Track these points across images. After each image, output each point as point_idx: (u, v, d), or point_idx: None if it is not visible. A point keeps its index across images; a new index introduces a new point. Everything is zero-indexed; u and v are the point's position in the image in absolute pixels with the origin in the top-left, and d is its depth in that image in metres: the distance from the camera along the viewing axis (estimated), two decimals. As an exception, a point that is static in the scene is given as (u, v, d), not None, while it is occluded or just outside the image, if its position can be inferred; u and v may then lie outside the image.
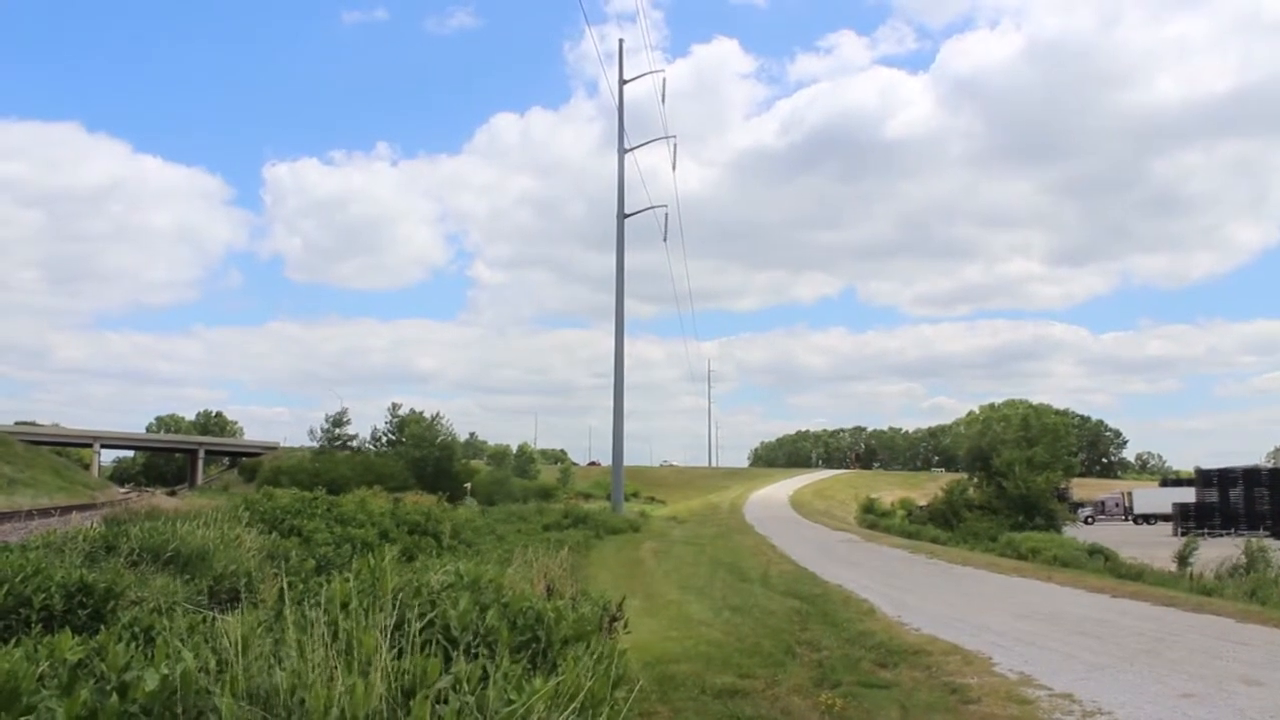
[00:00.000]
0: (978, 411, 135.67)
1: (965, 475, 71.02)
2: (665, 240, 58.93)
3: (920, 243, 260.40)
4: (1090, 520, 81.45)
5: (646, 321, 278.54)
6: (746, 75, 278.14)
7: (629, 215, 54.53)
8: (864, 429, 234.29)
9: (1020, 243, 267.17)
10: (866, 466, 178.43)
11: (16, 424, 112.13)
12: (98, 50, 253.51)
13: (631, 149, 55.64)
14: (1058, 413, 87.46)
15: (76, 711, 3.26)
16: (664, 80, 59.00)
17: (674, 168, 62.14)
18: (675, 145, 59.39)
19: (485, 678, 4.40)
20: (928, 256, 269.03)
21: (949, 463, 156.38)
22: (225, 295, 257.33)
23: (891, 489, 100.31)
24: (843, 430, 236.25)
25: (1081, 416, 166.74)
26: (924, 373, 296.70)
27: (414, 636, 4.42)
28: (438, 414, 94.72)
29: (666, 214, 57.99)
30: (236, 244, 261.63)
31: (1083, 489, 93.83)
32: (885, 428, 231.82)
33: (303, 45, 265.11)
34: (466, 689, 4.12)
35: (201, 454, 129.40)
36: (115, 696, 3.53)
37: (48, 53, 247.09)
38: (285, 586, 5.46)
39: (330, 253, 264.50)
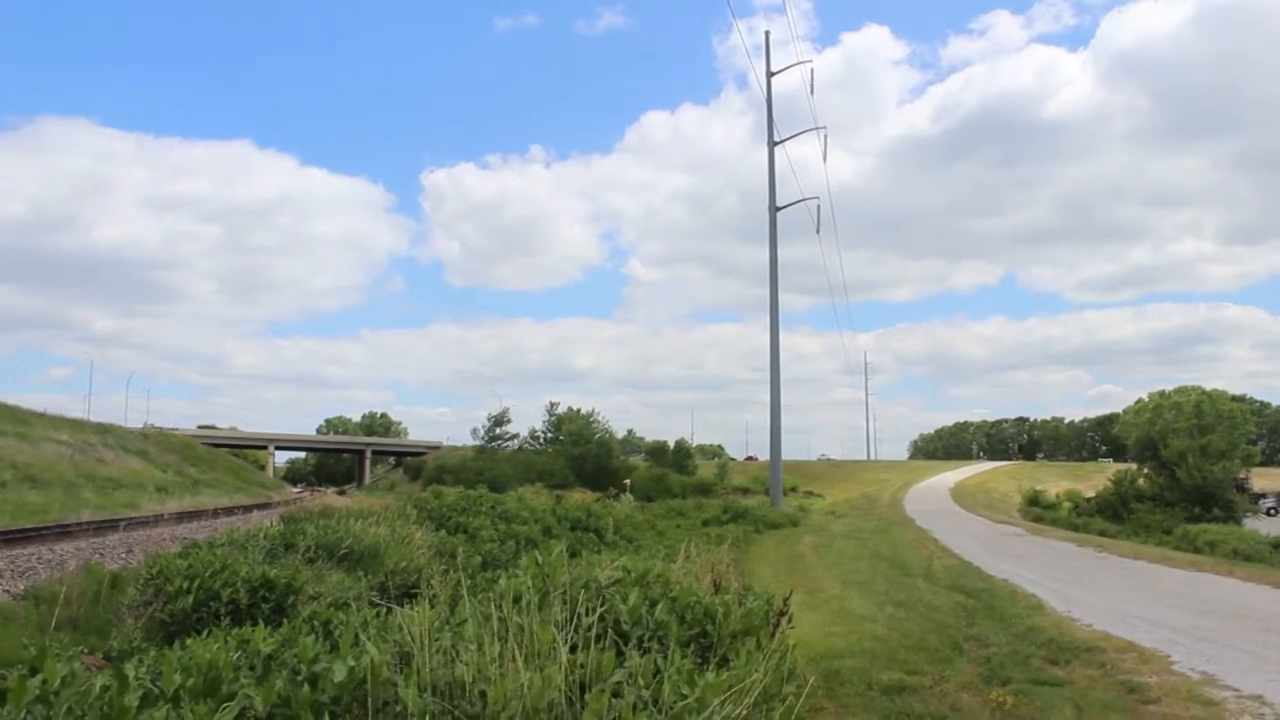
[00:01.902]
0: (1147, 399, 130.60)
1: (1134, 465, 68.28)
2: (818, 232, 58.34)
3: (1083, 226, 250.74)
4: (1273, 512, 77.38)
5: (801, 314, 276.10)
6: (898, 61, 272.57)
7: (781, 208, 54.12)
8: (1027, 419, 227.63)
9: (1191, 222, 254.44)
10: (1030, 458, 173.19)
11: (198, 428, 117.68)
12: (265, 71, 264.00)
13: (781, 141, 55.21)
14: (1234, 399, 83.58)
15: (272, 699, 3.39)
16: (812, 71, 58.25)
17: (825, 158, 61.64)
18: (825, 136, 58.58)
19: (657, 672, 4.42)
20: (1091, 240, 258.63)
21: (1117, 453, 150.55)
22: (389, 299, 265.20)
23: (1056, 481, 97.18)
24: (1004, 421, 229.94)
25: (1260, 402, 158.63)
26: (1089, 360, 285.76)
27: (586, 631, 4.46)
28: (594, 411, 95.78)
29: (819, 205, 57.32)
30: (398, 250, 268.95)
31: (1264, 479, 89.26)
32: (1049, 417, 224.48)
33: (456, 53, 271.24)
34: (641, 683, 4.14)
35: (368, 454, 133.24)
36: (307, 686, 3.66)
37: (221, 76, 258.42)
38: (463, 581, 5.58)
39: (488, 255, 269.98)
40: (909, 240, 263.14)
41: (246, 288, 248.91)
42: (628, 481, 69.38)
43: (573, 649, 4.32)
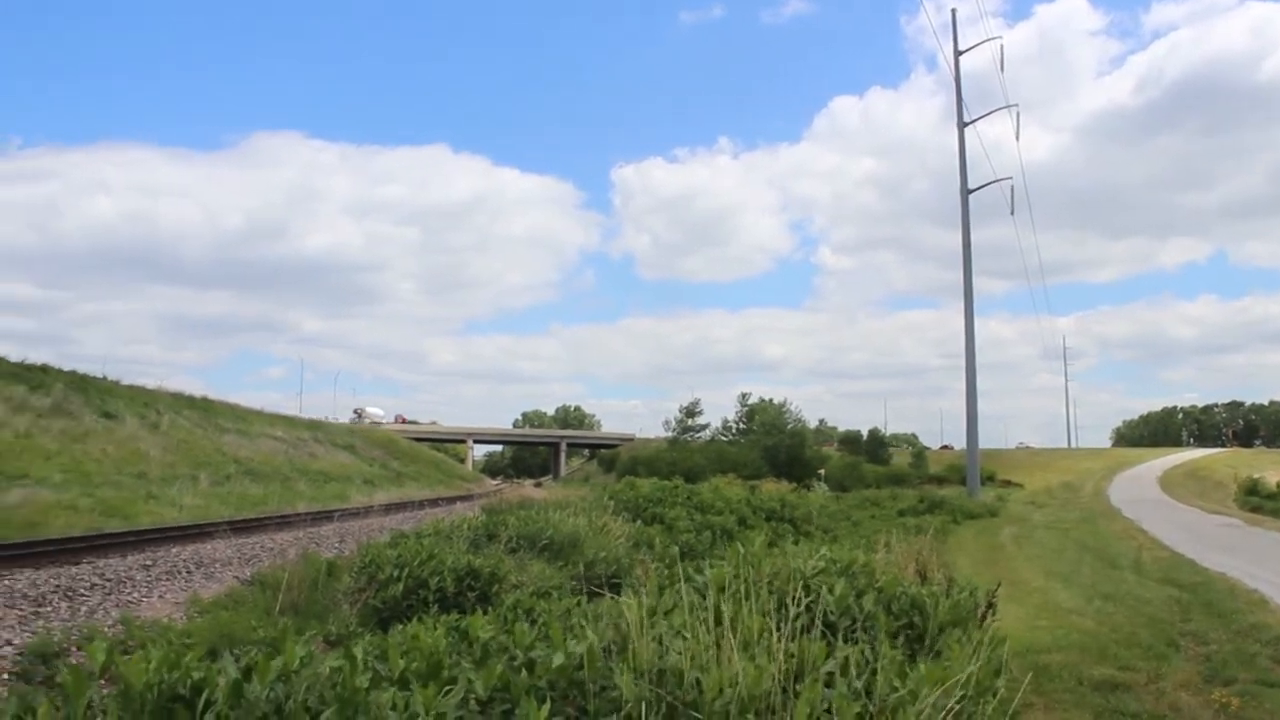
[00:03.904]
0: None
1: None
2: (1013, 213, 56.51)
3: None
4: None
5: (997, 298, 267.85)
6: (1095, 32, 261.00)
7: (973, 190, 52.78)
8: (1242, 404, 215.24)
9: None
10: (1246, 444, 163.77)
11: (400, 422, 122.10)
12: (458, 75, 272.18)
13: (971, 121, 53.79)
14: None
15: (492, 684, 3.51)
16: (1001, 47, 56.45)
17: (1017, 137, 59.39)
18: (1018, 114, 56.69)
19: (866, 663, 4.38)
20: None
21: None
22: (581, 295, 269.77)
23: (1276, 468, 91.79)
24: (1216, 406, 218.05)
25: None
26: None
27: (793, 621, 4.45)
28: (786, 401, 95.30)
29: (1012, 186, 55.51)
30: (589, 245, 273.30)
31: None
32: (1266, 402, 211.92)
33: (642, 49, 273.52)
34: (853, 673, 4.12)
35: (563, 447, 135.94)
36: (525, 672, 3.77)
37: (417, 83, 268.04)
38: (666, 571, 5.64)
39: (678, 248, 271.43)
40: (1110, 218, 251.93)
41: (444, 287, 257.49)
42: (822, 471, 68.80)
43: (779, 638, 4.31)
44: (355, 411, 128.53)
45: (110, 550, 18.04)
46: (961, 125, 53.08)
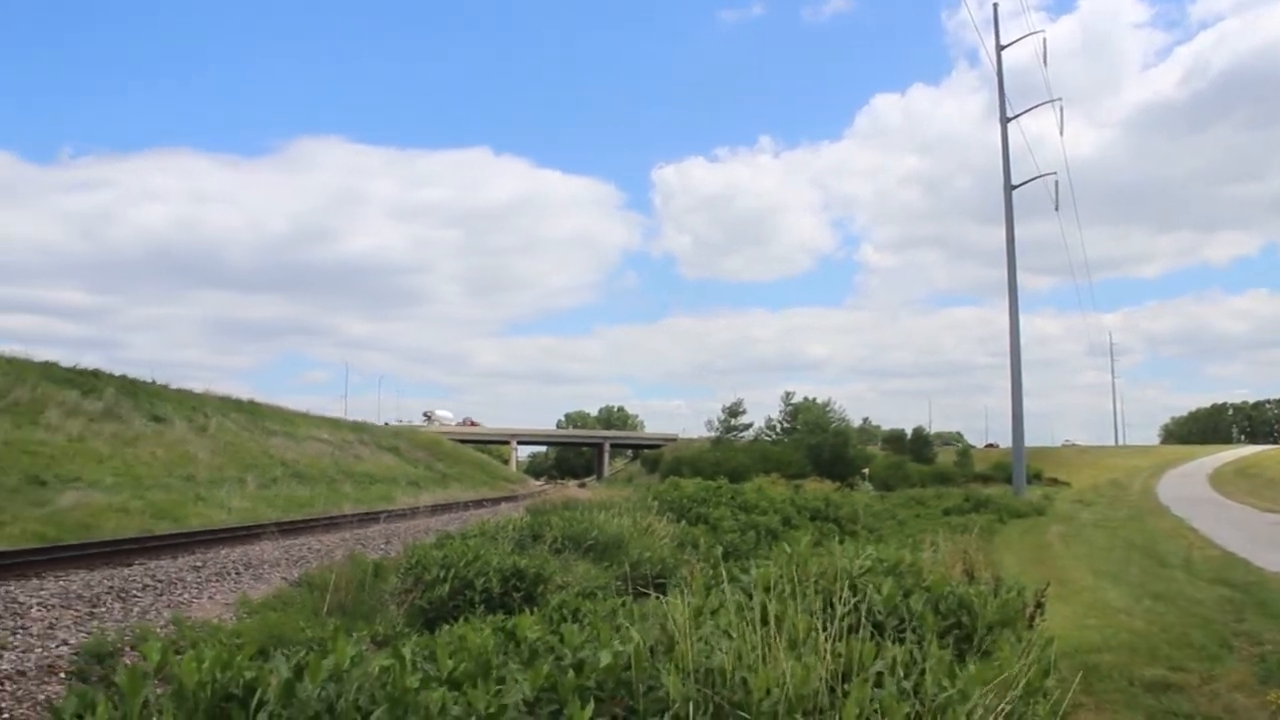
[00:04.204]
0: None
1: None
2: (1057, 209, 55.83)
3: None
4: None
5: (1042, 295, 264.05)
6: (1140, 24, 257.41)
7: (1016, 186, 52.24)
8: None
9: None
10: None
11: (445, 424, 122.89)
12: (500, 78, 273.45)
13: (1014, 117, 53.22)
14: None
15: (540, 684, 3.53)
16: (1044, 41, 55.81)
17: (1061, 132, 58.91)
18: (1062, 108, 56.02)
19: (914, 662, 4.36)
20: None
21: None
22: (622, 295, 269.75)
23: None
24: (1268, 402, 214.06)
25: None
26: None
27: (839, 620, 4.44)
28: (830, 400, 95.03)
29: (1056, 181, 54.83)
30: (631, 246, 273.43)
31: None
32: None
33: (682, 48, 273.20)
34: (901, 673, 4.10)
35: (607, 447, 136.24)
36: (572, 672, 3.79)
37: (459, 87, 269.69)
38: (711, 571, 5.65)
39: (719, 247, 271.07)
40: (1156, 213, 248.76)
41: (486, 289, 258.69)
42: (866, 470, 68.54)
43: (826, 639, 4.30)
44: (425, 414, 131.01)
45: (161, 552, 18.29)
46: (1004, 121, 52.60)
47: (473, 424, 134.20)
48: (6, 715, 8.03)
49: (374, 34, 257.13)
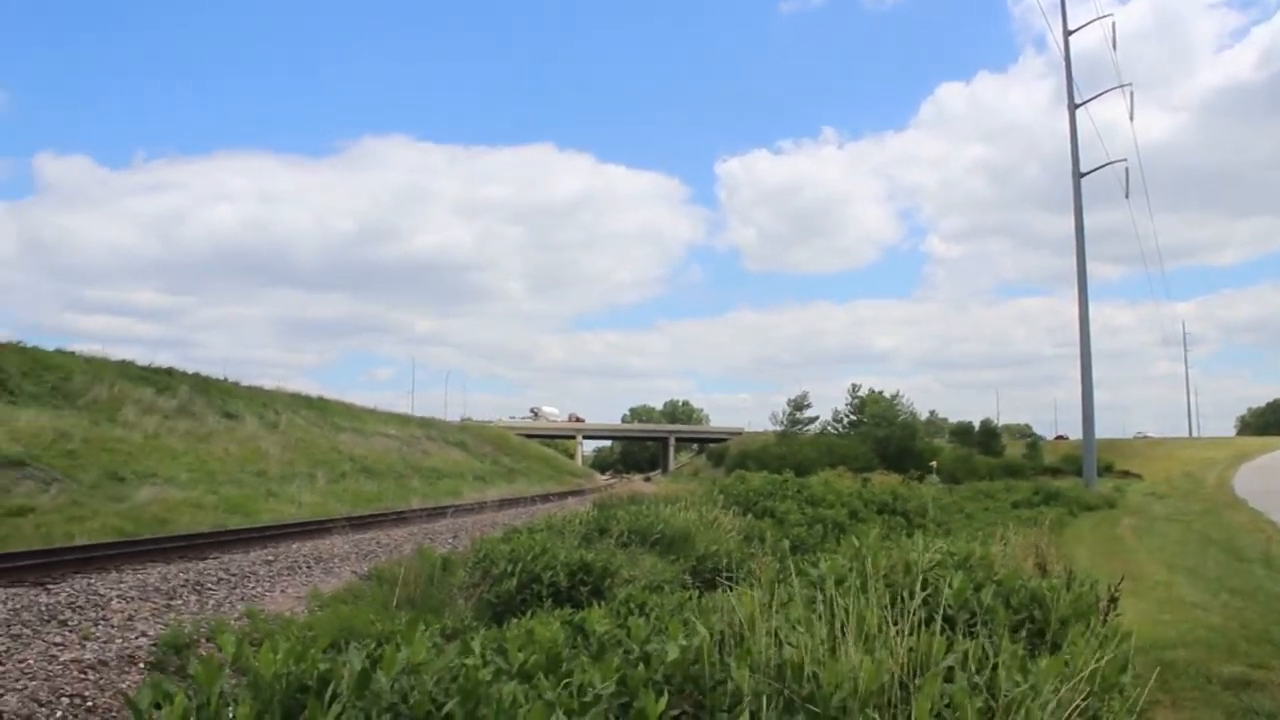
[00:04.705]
0: None
1: None
2: (1128, 196, 54.88)
3: None
4: None
5: (1113, 284, 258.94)
6: (1214, 4, 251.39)
7: (1085, 174, 51.49)
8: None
9: None
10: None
11: (511, 419, 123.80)
12: (562, 74, 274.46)
13: (1082, 103, 52.43)
14: None
15: (609, 677, 3.54)
16: (1113, 24, 54.86)
17: (1132, 118, 57.67)
18: (1132, 93, 55.12)
19: (985, 657, 4.32)
20: None
21: None
22: (687, 289, 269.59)
23: None
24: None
25: None
26: None
27: (910, 615, 4.40)
28: (897, 393, 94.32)
29: (1127, 168, 53.93)
30: (695, 240, 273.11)
31: None
32: None
33: (743, 41, 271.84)
34: (972, 668, 4.07)
35: (672, 441, 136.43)
36: (641, 665, 3.80)
37: (522, 83, 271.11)
38: (777, 565, 5.64)
39: (784, 240, 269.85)
40: (1233, 198, 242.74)
41: (551, 284, 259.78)
42: (934, 463, 67.90)
43: (896, 633, 4.27)
44: (531, 410, 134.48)
45: (234, 546, 18.61)
46: (1072, 107, 51.85)
47: (578, 419, 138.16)
48: (90, 703, 8.23)
49: (436, 33, 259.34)
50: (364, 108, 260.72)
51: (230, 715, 3.39)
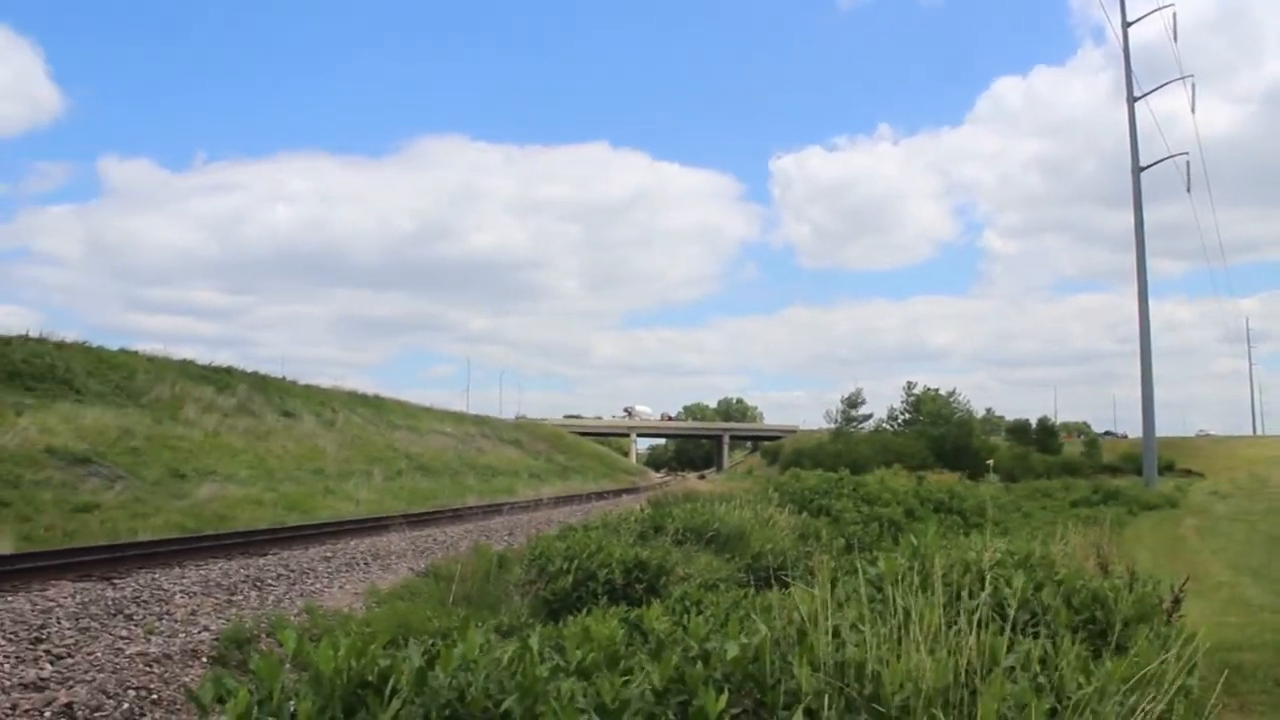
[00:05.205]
0: None
1: None
2: (1189, 190, 53.99)
3: None
4: None
5: (1174, 280, 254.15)
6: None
7: (1145, 167, 50.79)
8: None
9: None
10: None
11: (565, 417, 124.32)
12: (616, 73, 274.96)
13: (1142, 96, 51.71)
14: None
15: (668, 674, 3.54)
16: (1174, 15, 54.06)
17: (1193, 110, 56.82)
18: (1193, 85, 54.35)
19: (1046, 657, 4.27)
20: None
21: None
22: (742, 287, 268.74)
23: None
24: None
25: None
26: None
27: (971, 614, 4.35)
28: (953, 390, 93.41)
29: (1188, 161, 53.11)
30: (750, 237, 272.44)
31: None
32: None
33: (797, 37, 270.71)
34: (1037, 668, 4.02)
35: (726, 439, 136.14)
36: (700, 663, 3.79)
37: (576, 83, 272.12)
38: (832, 564, 5.61)
39: (839, 236, 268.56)
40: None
41: (606, 282, 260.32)
42: (991, 462, 67.25)
43: (956, 632, 4.23)
44: (625, 409, 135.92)
45: (293, 542, 18.83)
46: (1131, 100, 51.15)
47: (670, 419, 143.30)
48: (155, 696, 8.36)
49: (491, 33, 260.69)
50: (420, 108, 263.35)
51: (291, 710, 3.42)
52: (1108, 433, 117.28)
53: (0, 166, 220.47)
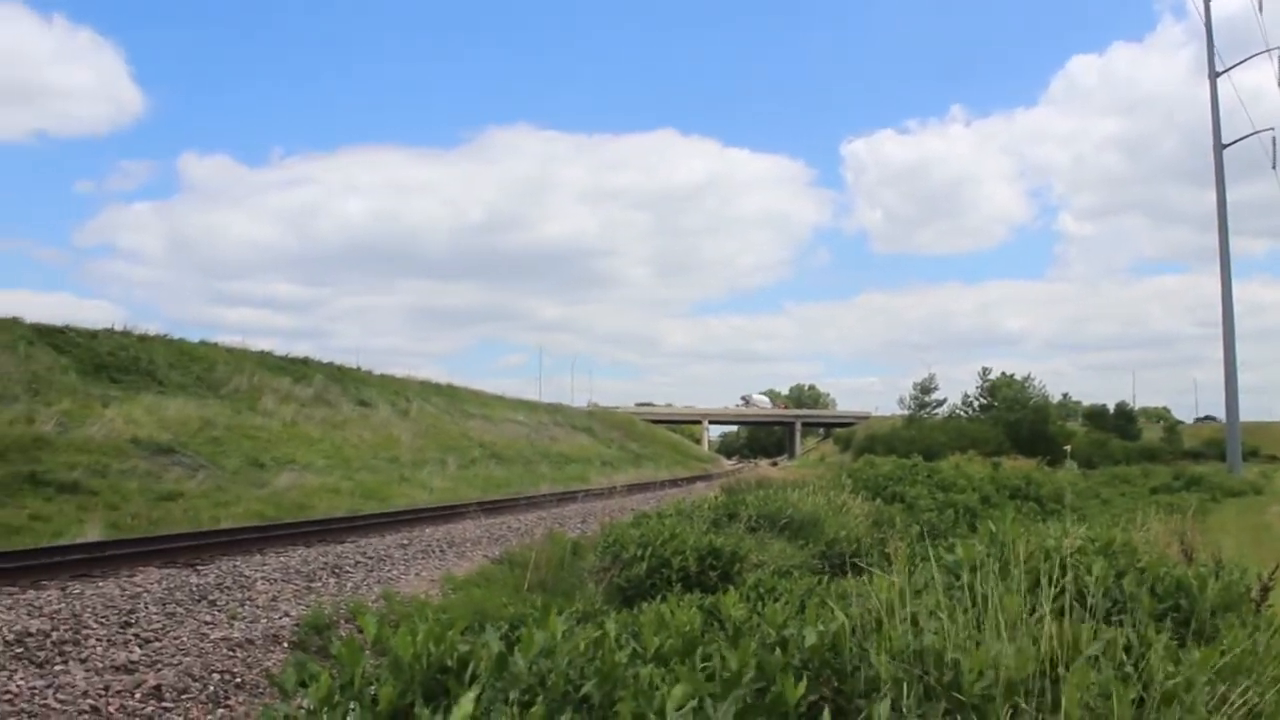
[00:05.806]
0: None
1: None
2: (1274, 167, 52.59)
3: None
4: None
5: (1258, 259, 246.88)
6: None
7: (1228, 145, 49.70)
8: None
9: None
10: None
11: (637, 405, 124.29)
12: (683, 60, 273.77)
13: (1225, 70, 50.57)
14: None
15: (745, 661, 3.53)
16: (1261, -18, 52.73)
17: (1280, 84, 55.46)
18: (1279, 58, 52.98)
19: (1129, 646, 4.19)
20: None
21: None
22: (814, 273, 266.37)
23: None
24: None
25: None
26: None
27: (1050, 602, 4.29)
28: (1029, 375, 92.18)
29: (1274, 137, 51.82)
30: (821, 223, 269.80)
31: None
32: None
33: (868, 19, 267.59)
34: (1121, 656, 3.95)
35: (798, 426, 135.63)
36: (778, 650, 3.78)
37: (644, 70, 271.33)
38: (907, 551, 5.57)
39: (911, 221, 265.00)
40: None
41: (676, 269, 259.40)
42: (1068, 448, 66.25)
43: (1038, 620, 4.18)
44: (742, 398, 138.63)
45: (370, 530, 19.09)
46: (1213, 75, 50.04)
47: (785, 407, 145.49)
48: (238, 679, 8.54)
49: (556, 21, 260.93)
50: (487, 98, 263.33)
51: (372, 694, 3.47)
52: (1208, 417, 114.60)
53: (86, 166, 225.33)
